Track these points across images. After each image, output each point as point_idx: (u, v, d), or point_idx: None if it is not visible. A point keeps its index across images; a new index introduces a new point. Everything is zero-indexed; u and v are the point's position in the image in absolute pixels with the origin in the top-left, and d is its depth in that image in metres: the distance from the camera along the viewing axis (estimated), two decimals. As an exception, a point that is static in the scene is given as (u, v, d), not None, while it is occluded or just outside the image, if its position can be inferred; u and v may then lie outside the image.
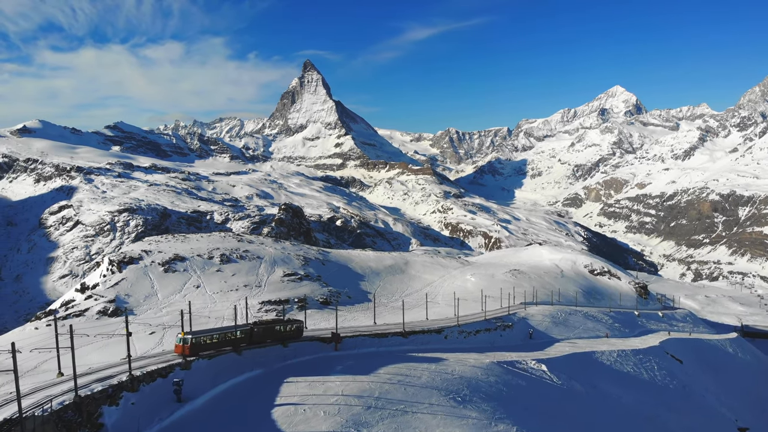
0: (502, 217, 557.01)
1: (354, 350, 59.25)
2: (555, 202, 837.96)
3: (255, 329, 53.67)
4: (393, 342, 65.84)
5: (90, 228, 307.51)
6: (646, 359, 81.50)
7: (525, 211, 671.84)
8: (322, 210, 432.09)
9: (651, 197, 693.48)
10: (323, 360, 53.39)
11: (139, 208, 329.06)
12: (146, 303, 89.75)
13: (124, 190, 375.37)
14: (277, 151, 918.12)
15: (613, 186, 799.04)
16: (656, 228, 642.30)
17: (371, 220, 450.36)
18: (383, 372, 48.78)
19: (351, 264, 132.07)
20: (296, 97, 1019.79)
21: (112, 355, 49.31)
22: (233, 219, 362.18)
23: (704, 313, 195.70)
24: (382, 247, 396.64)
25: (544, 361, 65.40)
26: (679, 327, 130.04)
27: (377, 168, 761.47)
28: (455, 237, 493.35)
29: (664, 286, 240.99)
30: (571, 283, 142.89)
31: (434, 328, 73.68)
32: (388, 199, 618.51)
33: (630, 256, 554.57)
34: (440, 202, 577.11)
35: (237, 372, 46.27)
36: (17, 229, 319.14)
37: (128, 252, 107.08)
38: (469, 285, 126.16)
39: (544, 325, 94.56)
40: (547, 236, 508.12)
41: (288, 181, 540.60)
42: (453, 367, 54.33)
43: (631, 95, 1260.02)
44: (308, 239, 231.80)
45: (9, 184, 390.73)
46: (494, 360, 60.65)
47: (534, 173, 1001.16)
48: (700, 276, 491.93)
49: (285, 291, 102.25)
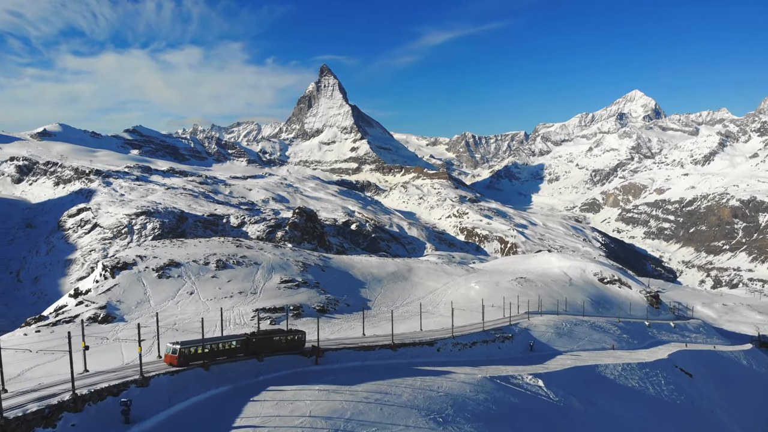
0: (519, 222, 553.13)
1: (336, 365, 56.30)
2: (572, 207, 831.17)
3: (254, 339, 52.36)
4: (380, 355, 62.29)
5: (108, 231, 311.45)
6: (652, 373, 78.42)
7: (542, 216, 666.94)
8: (337, 214, 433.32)
9: (670, 203, 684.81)
10: (299, 376, 50.20)
11: (156, 212, 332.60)
12: (138, 310, 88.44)
13: (141, 193, 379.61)
14: (294, 155, 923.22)
15: (632, 191, 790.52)
16: (675, 234, 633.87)
17: (386, 224, 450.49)
18: (361, 389, 45.45)
19: (352, 270, 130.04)
20: (313, 102, 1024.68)
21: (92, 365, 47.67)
22: (249, 222, 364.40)
23: (721, 321, 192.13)
24: (397, 251, 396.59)
25: (542, 376, 62.48)
26: (691, 338, 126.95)
27: (393, 172, 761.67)
28: (471, 242, 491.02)
29: (680, 293, 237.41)
30: (579, 291, 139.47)
31: (426, 340, 70.55)
32: (403, 203, 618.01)
33: (648, 263, 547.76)
34: (456, 207, 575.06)
35: (201, 389, 43.13)
36: (36, 231, 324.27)
37: (123, 257, 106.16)
38: (473, 293, 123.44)
39: (546, 336, 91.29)
40: (564, 242, 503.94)
41: (304, 185, 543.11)
42: (440, 383, 51.53)
43: (650, 99, 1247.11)
44: (322, 243, 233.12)
45: (29, 187, 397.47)
46: (487, 375, 57.71)
47: (551, 178, 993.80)
48: (720, 283, 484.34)
49: (281, 298, 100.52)
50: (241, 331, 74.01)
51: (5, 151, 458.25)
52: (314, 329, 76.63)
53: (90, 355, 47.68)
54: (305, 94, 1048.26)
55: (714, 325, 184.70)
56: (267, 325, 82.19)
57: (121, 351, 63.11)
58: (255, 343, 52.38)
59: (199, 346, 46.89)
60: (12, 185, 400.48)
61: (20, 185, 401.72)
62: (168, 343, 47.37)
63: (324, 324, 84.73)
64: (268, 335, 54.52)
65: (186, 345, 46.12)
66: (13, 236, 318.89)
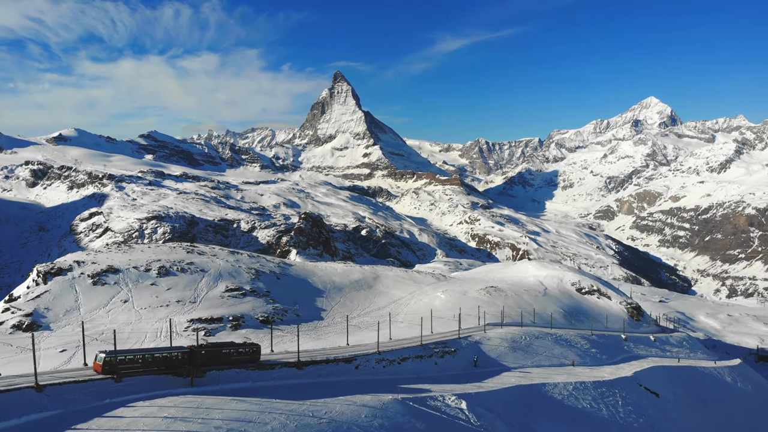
0: (531, 229, 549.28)
1: (216, 386, 49.29)
2: (586, 215, 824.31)
3: (203, 351, 50.37)
4: (281, 375, 55.17)
5: (119, 235, 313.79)
6: (609, 393, 70.94)
7: (555, 223, 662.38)
8: (347, 219, 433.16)
9: (685, 210, 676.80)
10: (159, 399, 42.87)
11: (168, 216, 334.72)
12: (66, 318, 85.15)
13: (153, 197, 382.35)
14: (306, 161, 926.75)
15: (647, 198, 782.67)
16: (690, 242, 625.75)
17: (396, 230, 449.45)
18: (219, 417, 38.70)
19: (312, 278, 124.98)
20: (326, 108, 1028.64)
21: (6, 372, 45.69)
22: (259, 227, 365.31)
23: (725, 333, 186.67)
24: (407, 257, 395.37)
25: (468, 397, 55.57)
26: (673, 353, 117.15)
27: (404, 178, 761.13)
28: (482, 248, 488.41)
29: (684, 304, 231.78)
30: (552, 302, 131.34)
31: (344, 356, 63.42)
32: (414, 210, 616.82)
33: (663, 271, 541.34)
34: (467, 213, 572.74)
35: (28, 410, 38.89)
36: (49, 235, 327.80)
37: (59, 262, 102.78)
38: (437, 302, 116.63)
39: (498, 350, 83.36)
40: (576, 249, 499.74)
41: (315, 190, 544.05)
42: (332, 407, 44.12)
43: (666, 106, 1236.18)
44: (327, 248, 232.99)
45: (43, 191, 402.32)
46: (399, 397, 50.29)
47: (565, 185, 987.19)
48: (735, 292, 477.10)
49: (222, 308, 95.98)
50: (174, 343, 72.40)
51: (21, 155, 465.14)
52: (254, 341, 71.90)
53: (7, 364, 47.03)
54: (318, 101, 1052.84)
55: (716, 337, 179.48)
56: (202, 337, 79.06)
57: (40, 360, 61.01)
58: (203, 355, 50.45)
59: (131, 355, 45.93)
60: (26, 189, 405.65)
61: (35, 189, 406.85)
62: (97, 352, 46.87)
63: (264, 336, 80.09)
64: (216, 348, 52.49)
65: (114, 354, 45.33)
66: (27, 239, 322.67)
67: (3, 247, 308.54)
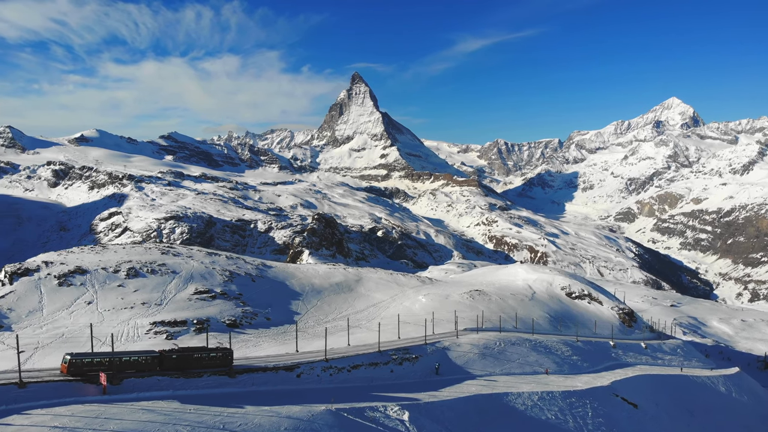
0: (550, 231, 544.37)
1: (132, 394, 45.03)
2: (607, 217, 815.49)
3: (173, 356, 50.02)
4: (208, 383, 51.19)
5: (137, 235, 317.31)
6: (579, 403, 65.73)
7: (574, 225, 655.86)
8: (363, 220, 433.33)
9: (707, 213, 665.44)
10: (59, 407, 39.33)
11: (186, 216, 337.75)
12: (28, 319, 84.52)
13: (172, 198, 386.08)
14: (324, 162, 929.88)
15: (668, 201, 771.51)
16: (712, 245, 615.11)
17: (413, 231, 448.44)
18: (114, 428, 35.89)
19: (290, 281, 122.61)
20: (344, 109, 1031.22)
21: None
22: (276, 228, 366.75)
23: (737, 339, 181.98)
24: (423, 258, 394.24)
25: (414, 407, 51.27)
26: (665, 360, 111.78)
27: (422, 179, 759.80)
28: (499, 250, 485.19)
29: (696, 308, 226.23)
30: (539, 306, 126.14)
31: (284, 364, 59.65)
32: (431, 211, 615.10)
33: (684, 275, 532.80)
34: (485, 215, 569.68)
35: None
36: (69, 234, 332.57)
37: (28, 263, 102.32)
38: (417, 306, 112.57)
39: (466, 357, 78.05)
40: (596, 251, 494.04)
41: (332, 191, 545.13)
42: (249, 419, 40.19)
43: (688, 107, 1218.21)
44: (340, 249, 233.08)
45: (64, 191, 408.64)
46: (333, 407, 46.33)
47: (585, 186, 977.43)
48: (758, 296, 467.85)
49: (188, 311, 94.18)
50: (134, 347, 72.51)
51: (43, 155, 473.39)
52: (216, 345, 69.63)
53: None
54: (336, 102, 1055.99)
55: (728, 343, 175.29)
56: (162, 341, 78.13)
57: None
58: (173, 359, 49.98)
59: (96, 359, 46.23)
60: (48, 189, 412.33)
61: (56, 189, 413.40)
62: (65, 353, 47.24)
63: (232, 339, 77.81)
64: (186, 353, 51.93)
65: (80, 356, 45.70)
66: (48, 238, 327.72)
67: (25, 246, 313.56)
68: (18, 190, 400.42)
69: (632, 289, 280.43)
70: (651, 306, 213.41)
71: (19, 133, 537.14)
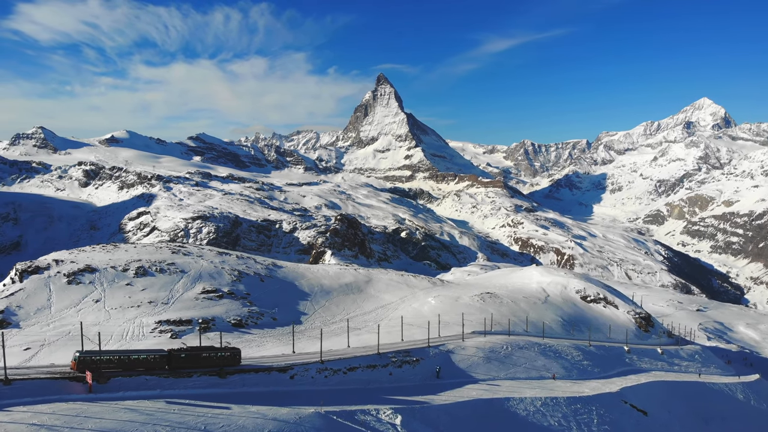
0: (577, 234, 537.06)
1: (118, 393, 44.89)
2: (635, 219, 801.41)
3: (182, 355, 50.79)
4: (198, 383, 50.46)
5: (165, 234, 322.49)
6: (584, 410, 63.49)
7: (602, 227, 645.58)
8: (387, 221, 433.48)
9: (739, 216, 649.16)
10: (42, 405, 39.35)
11: (212, 216, 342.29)
12: (36, 316, 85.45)
13: (199, 198, 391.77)
14: (349, 163, 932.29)
15: (698, 203, 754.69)
16: (743, 249, 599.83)
17: (437, 232, 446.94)
18: (91, 427, 35.36)
19: (299, 281, 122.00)
20: (369, 110, 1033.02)
21: None
22: (300, 228, 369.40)
23: (765, 344, 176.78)
24: (447, 260, 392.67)
25: (408, 411, 49.66)
26: (681, 367, 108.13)
27: (446, 180, 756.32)
28: (525, 253, 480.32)
29: (723, 313, 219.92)
30: (552, 310, 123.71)
31: (278, 365, 58.52)
32: (455, 212, 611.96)
33: (714, 278, 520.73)
34: (510, 216, 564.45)
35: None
36: (99, 233, 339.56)
37: (38, 261, 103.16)
38: (426, 308, 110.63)
39: (471, 361, 76.07)
40: (624, 254, 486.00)
41: (356, 192, 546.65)
42: (233, 420, 39.25)
43: (720, 108, 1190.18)
44: (363, 250, 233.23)
45: (95, 191, 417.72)
46: (322, 410, 45.13)
47: (614, 188, 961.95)
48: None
49: (194, 310, 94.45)
50: (139, 345, 73.30)
51: (74, 156, 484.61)
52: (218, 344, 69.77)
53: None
54: (362, 103, 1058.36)
55: (754, 349, 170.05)
56: (167, 339, 78.64)
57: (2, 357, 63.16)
58: (182, 358, 50.75)
59: (106, 356, 47.36)
60: (79, 189, 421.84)
61: (87, 189, 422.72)
62: (75, 351, 48.13)
63: (233, 340, 78.82)
64: (195, 352, 52.42)
65: (89, 354, 46.74)
66: (78, 237, 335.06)
67: (56, 245, 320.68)
68: (50, 190, 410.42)
69: (659, 293, 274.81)
70: (676, 310, 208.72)
71: (51, 134, 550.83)
